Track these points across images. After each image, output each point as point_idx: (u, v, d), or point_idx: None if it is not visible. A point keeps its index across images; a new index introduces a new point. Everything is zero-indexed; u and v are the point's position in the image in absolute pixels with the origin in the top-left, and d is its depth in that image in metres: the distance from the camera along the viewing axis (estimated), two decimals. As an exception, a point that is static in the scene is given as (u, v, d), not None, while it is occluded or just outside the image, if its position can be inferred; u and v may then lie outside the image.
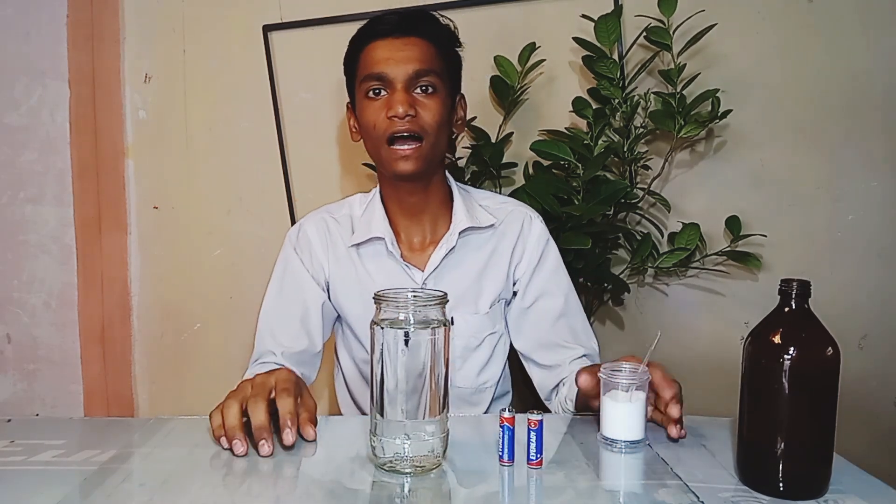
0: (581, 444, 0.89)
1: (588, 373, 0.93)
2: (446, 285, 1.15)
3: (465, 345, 1.20)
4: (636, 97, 1.50)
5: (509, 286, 1.22)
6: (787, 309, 0.74)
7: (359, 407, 1.31)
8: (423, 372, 0.77)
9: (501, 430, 0.81)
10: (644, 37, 1.48)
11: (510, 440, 0.81)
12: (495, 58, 1.55)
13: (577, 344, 1.19)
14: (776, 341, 0.73)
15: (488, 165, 1.54)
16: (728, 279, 1.62)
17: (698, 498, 0.73)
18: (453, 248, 1.17)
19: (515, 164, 1.61)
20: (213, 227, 1.74)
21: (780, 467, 0.73)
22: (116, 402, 1.74)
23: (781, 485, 0.73)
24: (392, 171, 1.13)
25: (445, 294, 0.80)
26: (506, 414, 0.80)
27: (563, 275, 1.24)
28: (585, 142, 1.50)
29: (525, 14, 1.61)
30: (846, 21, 1.56)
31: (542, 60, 1.56)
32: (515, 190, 1.51)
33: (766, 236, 1.57)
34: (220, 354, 1.75)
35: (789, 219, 1.60)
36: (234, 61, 1.70)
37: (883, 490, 0.75)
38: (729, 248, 1.55)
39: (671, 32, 1.45)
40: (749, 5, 1.57)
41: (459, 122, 1.21)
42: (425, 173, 1.14)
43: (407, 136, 1.09)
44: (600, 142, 1.49)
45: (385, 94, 1.11)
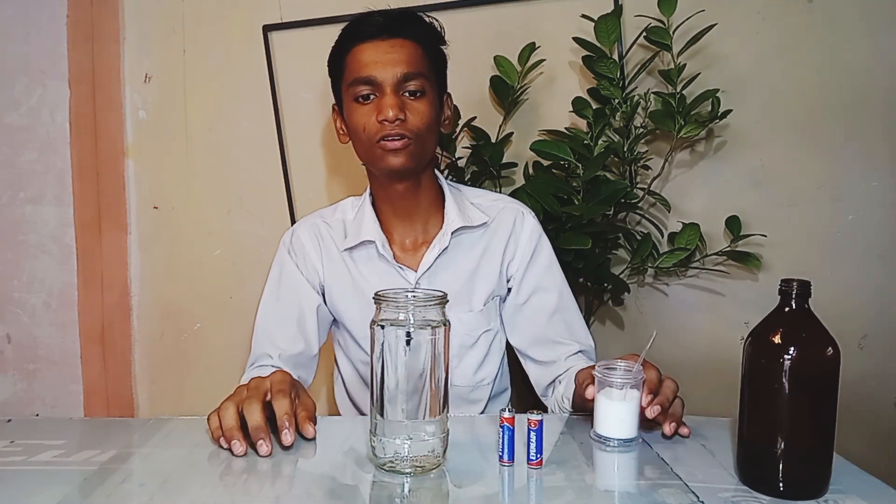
0: (581, 443, 0.89)
1: (594, 383, 0.92)
2: (439, 285, 1.15)
3: (460, 343, 1.20)
4: (636, 97, 1.50)
5: (503, 283, 1.22)
6: (787, 309, 0.74)
7: (358, 409, 1.31)
8: (423, 372, 0.77)
9: (501, 430, 0.81)
10: (644, 37, 1.48)
11: (510, 440, 0.81)
12: (495, 58, 1.55)
13: (573, 339, 1.19)
14: (776, 341, 0.73)
15: (488, 165, 1.54)
16: (728, 279, 1.62)
17: (698, 498, 0.73)
18: (446, 248, 1.17)
19: (515, 164, 1.61)
20: (213, 227, 1.74)
21: (780, 467, 0.73)
22: (116, 402, 1.74)
23: (781, 485, 0.73)
24: (383, 167, 1.12)
25: (445, 294, 0.80)
26: (506, 414, 0.80)
27: (557, 270, 1.24)
28: (585, 142, 1.50)
29: (525, 14, 1.60)
30: (846, 21, 1.55)
31: (542, 60, 1.56)
32: (515, 190, 1.51)
33: (766, 236, 1.57)
34: (220, 354, 1.75)
35: (789, 219, 1.60)
36: (234, 61, 1.70)
37: (883, 490, 0.75)
38: (729, 248, 1.55)
39: (671, 32, 1.45)
40: (749, 5, 1.57)
41: (447, 122, 1.21)
42: (415, 171, 1.14)
43: (398, 139, 1.09)
44: (600, 142, 1.49)
45: (374, 97, 1.11)
